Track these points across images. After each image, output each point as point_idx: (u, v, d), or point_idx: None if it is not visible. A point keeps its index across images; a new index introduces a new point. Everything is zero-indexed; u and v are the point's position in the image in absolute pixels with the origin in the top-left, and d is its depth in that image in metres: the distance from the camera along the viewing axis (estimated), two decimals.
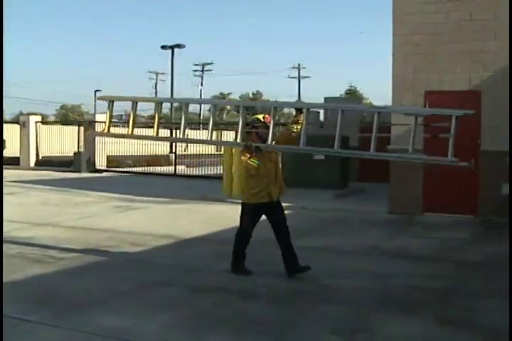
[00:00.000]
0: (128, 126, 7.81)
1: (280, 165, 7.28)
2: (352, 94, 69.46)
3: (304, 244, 8.94)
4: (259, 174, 6.87)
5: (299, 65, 72.26)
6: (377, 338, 4.94)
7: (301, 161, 16.01)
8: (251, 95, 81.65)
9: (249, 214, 7.08)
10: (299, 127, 6.82)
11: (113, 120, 8.09)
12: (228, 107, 72.50)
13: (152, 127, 7.79)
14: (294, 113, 7.16)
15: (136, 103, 7.62)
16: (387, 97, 12.28)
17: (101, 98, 8.26)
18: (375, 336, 4.98)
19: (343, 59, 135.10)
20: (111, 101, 7.84)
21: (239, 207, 7.11)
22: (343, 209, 12.77)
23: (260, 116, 7.08)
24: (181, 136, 7.57)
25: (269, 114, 7.04)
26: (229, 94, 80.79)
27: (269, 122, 6.92)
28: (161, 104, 7.89)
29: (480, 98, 11.41)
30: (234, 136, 18.73)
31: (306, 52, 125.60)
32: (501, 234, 10.11)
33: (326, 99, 19.53)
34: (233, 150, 13.76)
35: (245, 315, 5.51)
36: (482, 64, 11.62)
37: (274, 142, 6.93)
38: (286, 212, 9.32)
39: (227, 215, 11.27)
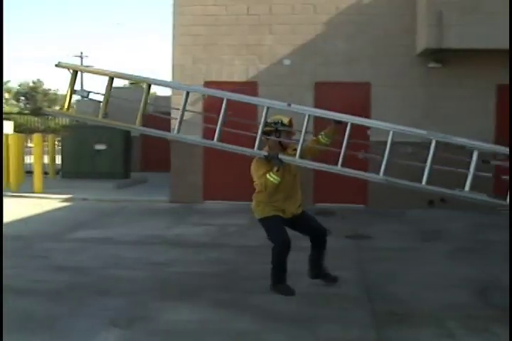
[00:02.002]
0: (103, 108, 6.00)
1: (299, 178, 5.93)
2: (136, 84, 68.79)
3: (84, 236, 8.79)
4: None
5: (81, 53, 69.97)
6: (155, 326, 4.94)
7: (81, 151, 15.64)
8: (31, 83, 77.61)
9: (271, 227, 5.78)
10: (328, 140, 5.67)
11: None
12: (7, 95, 68.44)
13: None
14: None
15: (112, 79, 5.94)
16: None
17: (61, 66, 6.02)
18: (153, 324, 4.98)
19: (126, 47, 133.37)
20: (74, 72, 6.01)
21: (20, 200, 6.71)
22: (124, 199, 12.70)
23: (285, 119, 5.65)
24: (176, 133, 5.96)
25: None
26: (7, 82, 76.28)
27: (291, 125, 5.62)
28: (150, 86, 6.06)
29: (257, 89, 11.88)
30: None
31: (88, 40, 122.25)
32: None
33: None
34: (9, 142, 13.10)
35: (21, 313, 5.22)
36: (258, 56, 12.11)
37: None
38: (66, 204, 8.99)
39: (7, 209, 10.62)
